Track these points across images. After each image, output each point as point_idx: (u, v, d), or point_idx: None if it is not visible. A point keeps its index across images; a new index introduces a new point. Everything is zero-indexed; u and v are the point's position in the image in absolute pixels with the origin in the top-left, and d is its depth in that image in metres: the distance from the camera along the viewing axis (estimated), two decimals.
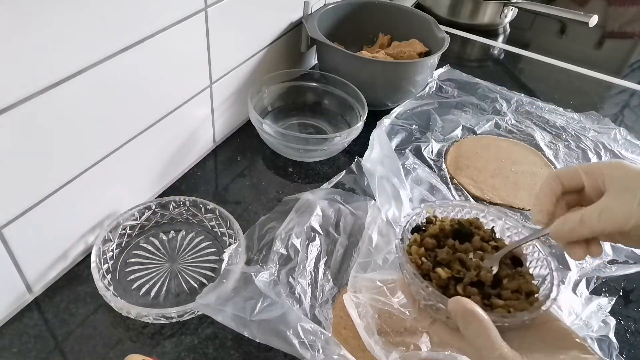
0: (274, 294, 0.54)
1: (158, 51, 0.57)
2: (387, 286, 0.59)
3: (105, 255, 0.58)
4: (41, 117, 0.46)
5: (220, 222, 0.63)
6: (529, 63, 1.16)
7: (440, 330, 0.42)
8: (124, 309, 0.52)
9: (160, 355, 0.52)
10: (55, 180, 0.51)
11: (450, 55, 1.03)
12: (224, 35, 0.68)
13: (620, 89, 1.09)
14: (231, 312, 0.51)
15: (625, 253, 0.67)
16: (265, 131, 0.75)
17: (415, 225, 0.47)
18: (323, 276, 0.60)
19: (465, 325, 0.37)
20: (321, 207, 0.66)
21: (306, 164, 0.78)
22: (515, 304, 0.41)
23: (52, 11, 0.43)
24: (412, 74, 0.85)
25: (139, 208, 0.62)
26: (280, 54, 0.87)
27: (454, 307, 0.38)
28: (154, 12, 0.54)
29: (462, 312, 0.37)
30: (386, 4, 0.99)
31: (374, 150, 0.75)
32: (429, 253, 0.44)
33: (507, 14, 1.25)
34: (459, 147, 0.84)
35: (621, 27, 1.46)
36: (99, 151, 0.56)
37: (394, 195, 0.68)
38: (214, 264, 0.61)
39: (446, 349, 0.43)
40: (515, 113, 0.94)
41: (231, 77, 0.75)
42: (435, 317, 0.42)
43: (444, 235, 0.46)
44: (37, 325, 0.53)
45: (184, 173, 0.74)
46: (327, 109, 0.87)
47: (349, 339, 0.54)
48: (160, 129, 0.64)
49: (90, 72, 0.49)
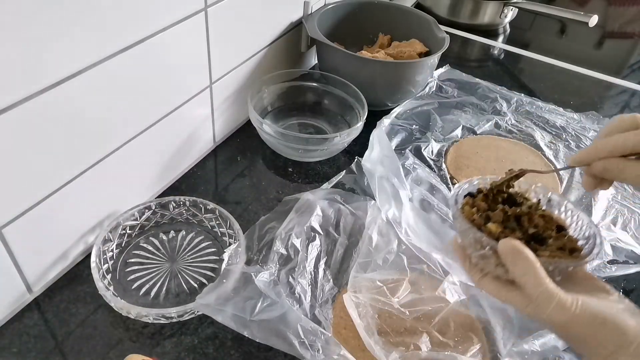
0: (274, 294, 0.54)
1: (158, 51, 0.57)
2: (387, 286, 0.59)
3: (105, 255, 0.58)
4: (41, 117, 0.46)
5: (220, 222, 0.63)
6: (529, 63, 1.16)
7: (489, 283, 0.44)
8: (124, 309, 0.52)
9: (160, 355, 0.52)
10: (55, 180, 0.51)
11: (450, 55, 1.03)
12: (224, 35, 0.68)
13: (621, 89, 1.09)
14: (231, 312, 0.51)
15: (625, 253, 0.67)
16: (265, 131, 0.75)
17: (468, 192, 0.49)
18: (323, 276, 0.60)
19: (514, 263, 0.39)
20: (321, 207, 0.66)
21: (306, 164, 0.78)
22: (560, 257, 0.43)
23: (52, 11, 0.43)
24: (412, 74, 0.85)
25: (139, 208, 0.62)
26: (280, 54, 0.87)
27: (503, 247, 0.40)
28: (154, 12, 0.54)
29: (511, 250, 0.39)
30: (386, 4, 0.99)
31: (374, 150, 0.75)
32: (480, 215, 0.46)
33: (507, 14, 1.25)
34: (459, 147, 0.84)
35: (621, 27, 1.46)
36: (99, 151, 0.56)
37: (394, 195, 0.68)
38: (214, 264, 0.61)
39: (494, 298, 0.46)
40: (515, 113, 0.94)
41: (231, 77, 0.75)
42: (485, 269, 0.44)
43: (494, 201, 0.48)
44: (37, 325, 0.53)
45: (184, 173, 0.74)
46: (327, 109, 0.87)
47: (349, 339, 0.54)
48: (160, 129, 0.64)
49: (90, 72, 0.49)
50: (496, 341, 0.55)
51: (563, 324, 0.38)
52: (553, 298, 0.38)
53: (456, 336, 0.55)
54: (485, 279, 0.44)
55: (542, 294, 0.38)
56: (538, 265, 0.39)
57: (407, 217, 0.66)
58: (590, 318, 0.37)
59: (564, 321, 0.38)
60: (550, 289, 0.38)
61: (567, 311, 0.38)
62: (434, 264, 0.62)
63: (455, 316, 0.57)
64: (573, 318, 0.38)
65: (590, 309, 0.38)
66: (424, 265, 0.62)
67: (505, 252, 0.40)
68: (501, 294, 0.43)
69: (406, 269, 0.61)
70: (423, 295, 0.59)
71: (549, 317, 0.38)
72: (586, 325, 0.38)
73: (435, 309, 0.57)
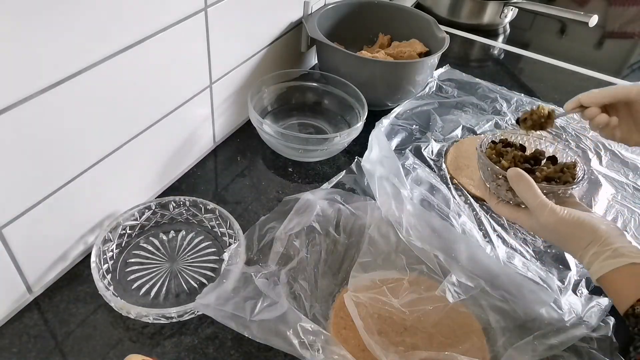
0: (274, 294, 0.54)
1: (158, 51, 0.57)
2: (387, 286, 0.59)
3: (105, 255, 0.58)
4: (41, 117, 0.46)
5: (220, 222, 0.63)
6: (529, 63, 1.16)
7: (502, 206, 0.59)
8: (124, 309, 0.52)
9: (160, 355, 0.52)
10: (55, 180, 0.51)
11: (450, 55, 1.03)
12: (224, 35, 0.68)
13: None
14: (231, 312, 0.51)
15: None
16: (265, 131, 0.75)
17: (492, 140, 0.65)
18: (323, 276, 0.60)
19: (517, 183, 0.54)
20: (321, 207, 0.66)
21: (306, 164, 0.78)
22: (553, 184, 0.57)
23: (52, 11, 0.43)
24: (412, 74, 0.85)
25: (139, 208, 0.62)
26: (280, 54, 0.87)
27: (510, 173, 0.55)
28: (154, 12, 0.54)
29: (515, 174, 0.55)
30: (386, 4, 0.99)
31: (373, 150, 0.75)
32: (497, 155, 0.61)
33: (507, 14, 1.25)
34: (459, 147, 0.84)
35: (621, 27, 1.46)
36: (99, 151, 0.56)
37: (394, 195, 0.68)
38: (214, 264, 0.61)
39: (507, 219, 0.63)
40: (515, 113, 0.94)
41: (231, 77, 0.75)
42: (500, 196, 0.60)
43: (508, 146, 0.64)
44: (37, 325, 0.53)
45: (184, 173, 0.74)
46: (327, 109, 0.87)
47: (349, 339, 0.54)
48: (160, 129, 0.64)
49: (90, 72, 0.49)
50: (496, 341, 0.55)
51: (554, 226, 0.52)
52: (546, 205, 0.52)
53: (456, 336, 0.55)
54: (499, 204, 0.60)
55: (539, 204, 0.53)
56: (535, 185, 0.54)
57: (408, 216, 0.66)
58: (573, 220, 0.52)
59: (555, 222, 0.52)
60: (544, 199, 0.53)
61: (557, 215, 0.52)
62: (434, 264, 0.62)
63: (455, 316, 0.57)
64: (561, 220, 0.52)
65: (573, 213, 0.52)
66: (424, 266, 0.62)
67: (511, 177, 0.55)
68: (512, 214, 0.58)
69: (406, 269, 0.61)
70: (423, 295, 0.58)
71: (545, 219, 0.52)
72: (570, 225, 0.52)
73: (435, 309, 0.57)
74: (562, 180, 0.58)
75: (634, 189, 0.79)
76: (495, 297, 0.59)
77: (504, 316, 0.57)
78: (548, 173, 0.58)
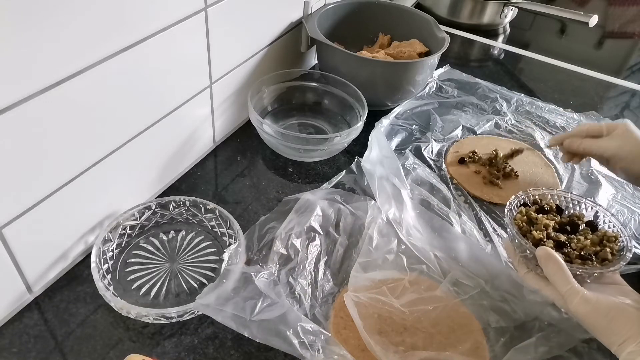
0: (274, 294, 0.54)
1: (158, 51, 0.57)
2: (387, 286, 0.59)
3: (105, 255, 0.58)
4: (41, 117, 0.46)
5: (220, 222, 0.63)
6: (529, 63, 1.16)
7: (531, 277, 0.54)
8: (124, 309, 0.52)
9: (160, 355, 0.52)
10: (55, 180, 0.51)
11: (450, 55, 1.03)
12: (224, 35, 0.68)
13: (621, 90, 1.09)
14: (231, 312, 0.51)
15: None
16: (265, 131, 0.75)
17: (523, 202, 0.60)
18: (323, 276, 0.60)
19: (546, 264, 0.50)
20: (321, 207, 0.66)
21: (306, 164, 0.78)
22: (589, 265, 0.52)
23: (52, 11, 0.43)
24: (412, 74, 0.85)
25: (139, 208, 0.62)
26: (280, 54, 0.87)
27: (539, 253, 0.51)
28: (154, 11, 0.54)
29: (545, 255, 0.50)
30: (386, 4, 0.99)
31: (373, 151, 0.75)
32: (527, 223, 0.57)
33: (507, 14, 1.25)
34: (459, 147, 0.84)
35: (621, 27, 1.46)
36: (99, 151, 0.56)
37: (394, 195, 0.68)
38: (214, 264, 0.61)
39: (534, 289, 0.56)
40: (515, 113, 0.94)
41: (231, 77, 0.75)
42: (529, 266, 0.55)
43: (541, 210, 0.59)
44: (37, 325, 0.53)
45: (184, 173, 0.74)
46: (327, 109, 0.87)
47: (349, 339, 0.54)
48: (160, 129, 0.64)
49: (90, 72, 0.49)
50: (496, 341, 0.55)
51: (586, 315, 0.47)
52: (578, 293, 0.47)
53: (456, 336, 0.55)
54: (528, 274, 0.55)
55: (569, 291, 0.48)
56: (565, 269, 0.49)
57: (408, 216, 0.66)
58: (607, 311, 0.46)
59: (587, 312, 0.47)
60: (575, 286, 0.48)
61: (589, 305, 0.47)
62: (434, 264, 0.62)
63: (455, 316, 0.57)
64: (594, 311, 0.47)
65: (608, 302, 0.47)
66: (424, 265, 0.62)
67: (540, 256, 0.51)
68: (541, 287, 0.53)
69: (406, 269, 0.61)
70: (423, 295, 0.59)
71: (575, 308, 0.47)
72: (604, 317, 0.46)
73: (435, 309, 0.57)
74: (599, 258, 0.52)
75: (634, 189, 0.79)
76: (495, 297, 0.59)
77: (504, 316, 0.57)
78: (585, 246, 0.53)
